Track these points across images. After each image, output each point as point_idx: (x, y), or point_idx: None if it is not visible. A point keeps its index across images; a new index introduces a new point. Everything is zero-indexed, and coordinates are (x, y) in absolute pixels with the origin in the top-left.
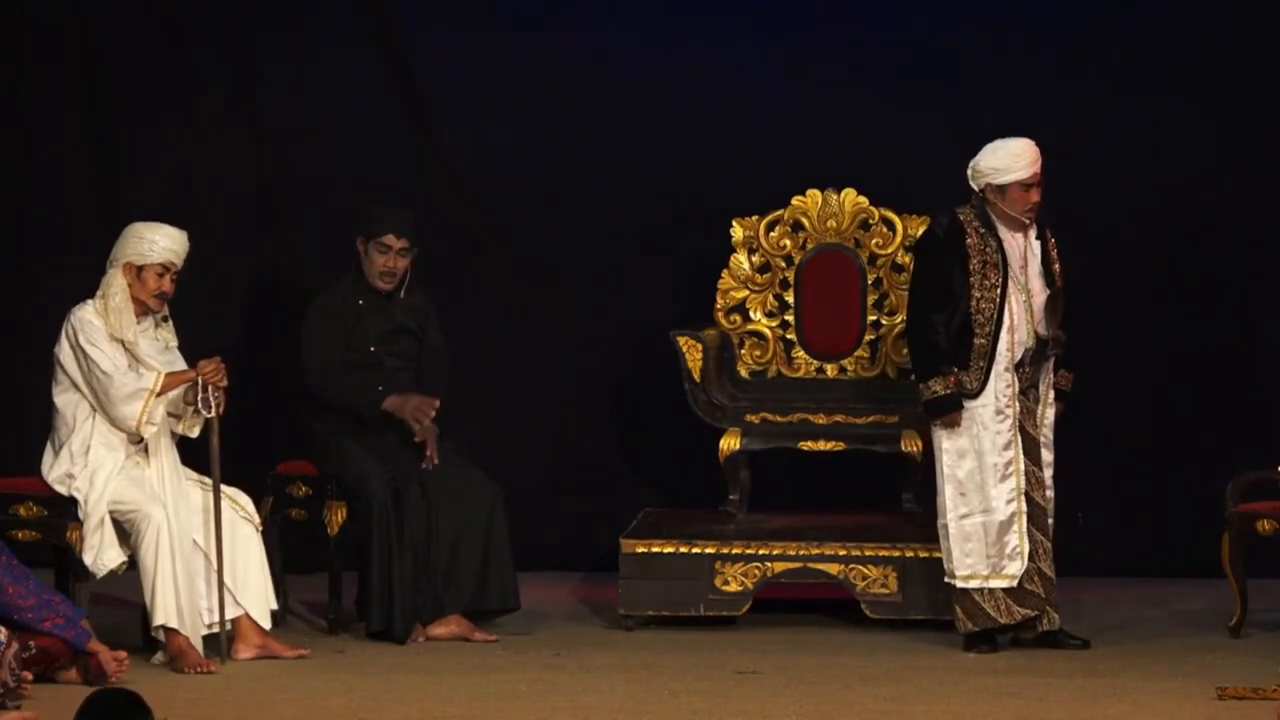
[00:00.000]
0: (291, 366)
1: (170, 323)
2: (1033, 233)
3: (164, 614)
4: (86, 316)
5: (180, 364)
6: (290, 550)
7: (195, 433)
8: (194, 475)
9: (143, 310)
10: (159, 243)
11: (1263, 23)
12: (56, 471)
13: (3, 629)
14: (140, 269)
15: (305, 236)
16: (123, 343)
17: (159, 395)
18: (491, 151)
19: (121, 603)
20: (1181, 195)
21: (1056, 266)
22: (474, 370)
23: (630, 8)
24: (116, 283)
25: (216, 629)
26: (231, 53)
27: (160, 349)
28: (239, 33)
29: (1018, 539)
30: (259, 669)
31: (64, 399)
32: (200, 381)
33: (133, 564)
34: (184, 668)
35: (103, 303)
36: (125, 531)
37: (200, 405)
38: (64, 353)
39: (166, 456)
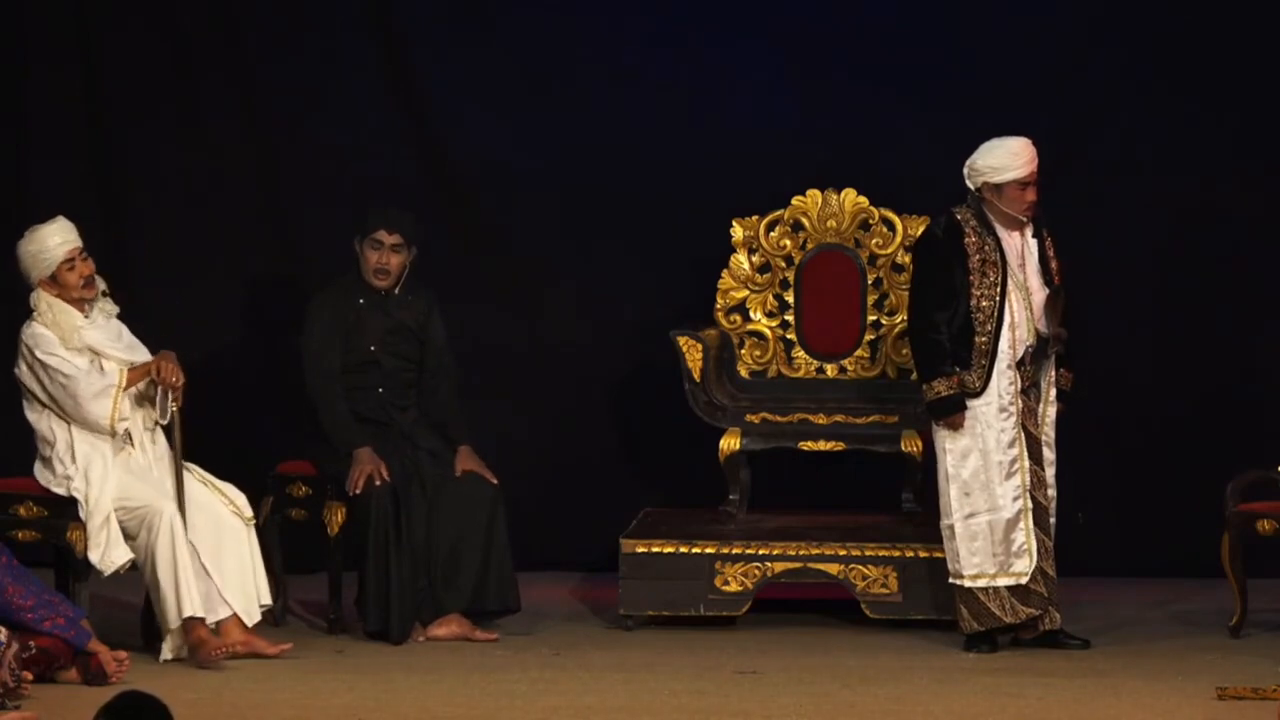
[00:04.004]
0: (291, 366)
1: (105, 292)
2: (1029, 231)
3: (190, 605)
4: (37, 330)
5: (140, 347)
6: (290, 550)
7: (166, 420)
8: (195, 471)
9: (79, 303)
10: (52, 242)
11: (1262, 23)
12: (53, 479)
13: (3, 629)
14: (53, 276)
15: (305, 236)
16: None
17: (125, 389)
18: (492, 151)
19: (121, 603)
20: (1181, 195)
21: (1054, 264)
22: (474, 370)
23: (631, 7)
24: (44, 302)
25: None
26: (231, 53)
27: (114, 336)
28: (239, 32)
29: (1024, 536)
30: (259, 669)
31: (36, 416)
32: (158, 385)
33: (134, 563)
34: (210, 653)
35: (42, 323)
36: (129, 530)
37: (158, 409)
38: (23, 373)
39: (155, 447)
